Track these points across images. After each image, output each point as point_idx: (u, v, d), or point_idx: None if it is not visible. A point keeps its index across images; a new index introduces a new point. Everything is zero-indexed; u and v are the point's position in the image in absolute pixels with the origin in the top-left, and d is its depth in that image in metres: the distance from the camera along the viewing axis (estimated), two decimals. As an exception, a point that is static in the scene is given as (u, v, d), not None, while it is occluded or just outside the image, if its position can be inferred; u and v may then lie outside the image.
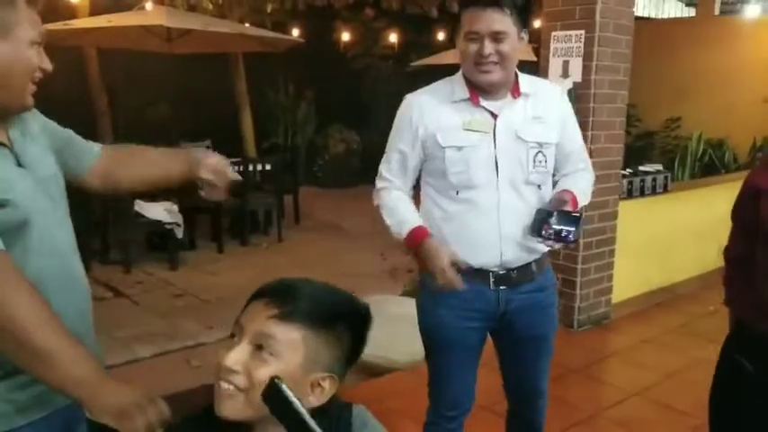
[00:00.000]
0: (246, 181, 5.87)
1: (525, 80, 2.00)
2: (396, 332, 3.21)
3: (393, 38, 10.68)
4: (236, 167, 6.39)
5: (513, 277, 1.99)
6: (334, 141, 10.24)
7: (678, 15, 10.56)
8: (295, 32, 9.18)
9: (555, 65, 3.89)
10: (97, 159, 1.59)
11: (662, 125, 9.18)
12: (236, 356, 1.03)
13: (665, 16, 10.59)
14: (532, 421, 2.23)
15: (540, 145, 1.96)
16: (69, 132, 1.57)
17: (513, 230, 1.95)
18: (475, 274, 1.96)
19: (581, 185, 2.07)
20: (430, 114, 1.97)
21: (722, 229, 2.08)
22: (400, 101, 2.07)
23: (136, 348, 3.97)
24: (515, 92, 1.97)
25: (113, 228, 5.92)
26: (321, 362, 1.06)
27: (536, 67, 4.38)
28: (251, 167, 6.59)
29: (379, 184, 2.12)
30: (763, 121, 8.52)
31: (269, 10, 8.54)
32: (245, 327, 1.06)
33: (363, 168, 10.34)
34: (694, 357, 3.95)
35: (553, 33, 4.00)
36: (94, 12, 6.86)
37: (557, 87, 2.16)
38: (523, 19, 1.88)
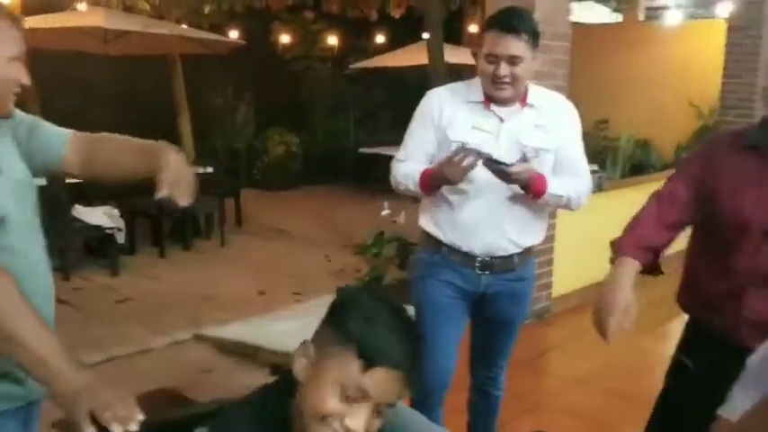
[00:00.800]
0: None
1: (535, 92, 2.23)
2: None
3: (332, 40, 10.74)
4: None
5: (496, 265, 2.24)
6: (274, 144, 10.20)
7: (605, 21, 10.97)
8: (233, 34, 9.13)
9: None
10: (69, 146, 1.60)
11: (592, 127, 9.54)
12: (366, 423, 1.05)
13: (593, 22, 11.01)
14: (492, 393, 2.55)
15: (538, 150, 2.17)
16: (33, 118, 1.58)
17: (502, 224, 2.20)
18: (463, 257, 2.23)
19: (562, 178, 2.21)
20: (447, 109, 2.20)
21: None
22: (339, 103, 2.25)
23: (82, 355, 3.88)
24: (523, 102, 2.19)
25: (50, 234, 5.74)
26: None
27: (476, 72, 4.50)
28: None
29: (394, 166, 2.31)
30: (685, 122, 8.97)
31: (206, 11, 8.45)
32: (371, 394, 1.05)
33: (304, 171, 10.35)
34: (631, 346, 4.16)
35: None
36: (25, 13, 6.65)
37: (567, 103, 2.33)
38: (536, 41, 2.10)
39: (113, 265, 5.60)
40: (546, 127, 2.19)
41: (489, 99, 2.17)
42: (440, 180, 2.13)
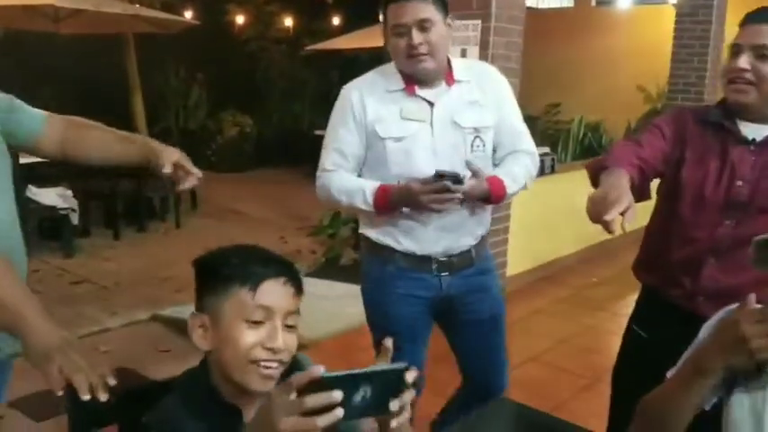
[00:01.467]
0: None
1: (460, 66, 2.04)
2: (303, 311, 3.30)
3: (288, 22, 10.63)
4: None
5: (455, 263, 2.06)
6: (228, 125, 10.10)
7: (558, 6, 11.11)
8: (187, 14, 8.96)
9: (453, 53, 4.07)
10: (44, 127, 1.60)
11: (543, 110, 9.70)
12: (283, 338, 1.14)
13: (546, 6, 11.15)
14: (498, 390, 2.27)
15: (477, 130, 2.00)
16: (10, 98, 1.57)
17: (454, 218, 2.00)
18: (418, 261, 2.04)
19: (514, 169, 2.06)
20: (368, 105, 1.99)
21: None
22: (294, 85, 2.15)
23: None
24: (449, 79, 2.00)
25: None
26: None
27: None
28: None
29: (321, 177, 2.06)
30: (635, 105, 9.20)
31: (159, -10, 8.30)
32: (273, 308, 1.14)
33: (258, 153, 10.28)
34: (582, 324, 4.31)
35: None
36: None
37: (492, 68, 2.16)
38: (444, 6, 1.92)
39: (67, 247, 5.51)
40: (480, 101, 2.02)
41: (411, 83, 1.97)
42: (409, 205, 1.94)
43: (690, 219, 1.81)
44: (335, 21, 10.78)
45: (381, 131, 1.97)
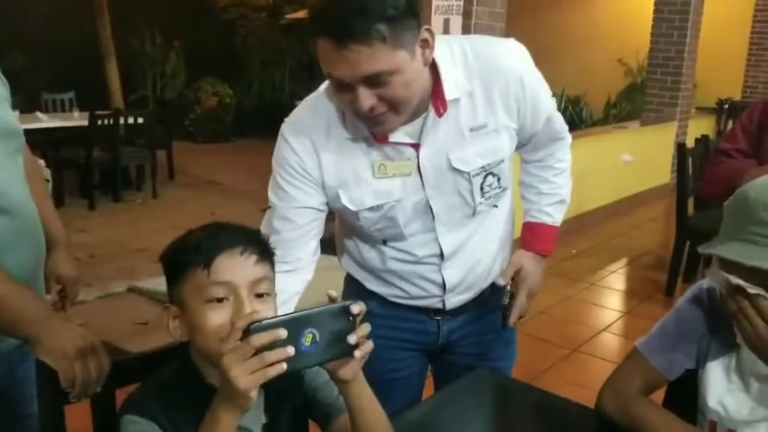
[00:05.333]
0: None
1: (454, 76, 1.32)
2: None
3: (267, -11, 10.44)
4: (106, 120, 6.11)
5: (458, 307, 1.56)
6: (207, 95, 9.95)
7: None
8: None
9: (436, 22, 4.04)
10: None
11: (526, 83, 9.68)
12: (254, 308, 1.04)
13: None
14: None
15: (486, 168, 1.39)
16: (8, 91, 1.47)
17: (459, 277, 1.50)
18: (406, 307, 1.55)
19: (556, 189, 1.62)
20: (325, 164, 1.36)
21: (581, 181, 2.20)
22: (274, 54, 1.52)
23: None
24: (440, 105, 1.32)
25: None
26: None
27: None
28: (122, 121, 6.31)
29: (266, 219, 1.45)
30: (615, 79, 9.22)
31: (134, -46, 8.09)
32: (233, 282, 1.06)
33: (237, 123, 10.16)
34: (561, 295, 4.34)
35: (434, -10, 4.13)
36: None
37: (502, 49, 1.41)
38: (408, 23, 1.16)
39: (40, 218, 5.42)
40: (488, 124, 1.37)
41: None
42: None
43: None
44: (316, -11, 10.58)
45: (351, 204, 1.38)
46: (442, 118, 1.33)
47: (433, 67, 1.30)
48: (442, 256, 1.45)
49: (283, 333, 0.91)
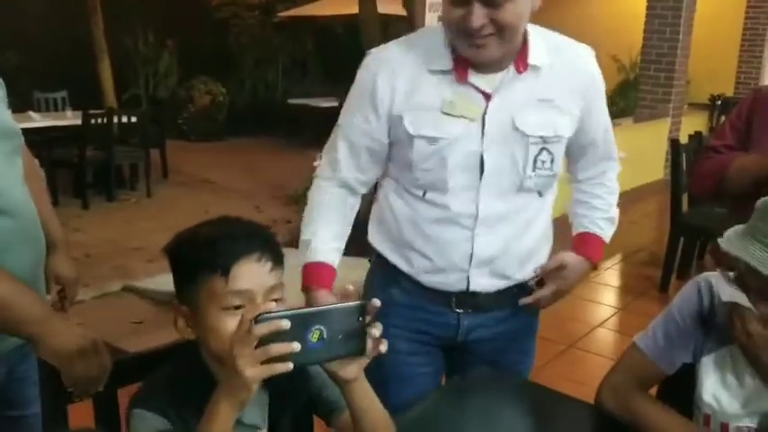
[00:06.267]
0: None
1: (541, 45, 1.43)
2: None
3: (260, -13, 10.42)
4: (100, 120, 6.09)
5: (481, 300, 1.51)
6: (200, 93, 9.91)
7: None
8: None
9: (430, 20, 4.03)
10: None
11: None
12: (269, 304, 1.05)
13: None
14: None
15: (546, 140, 1.43)
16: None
17: (491, 251, 1.46)
18: (429, 292, 1.52)
19: (606, 200, 1.63)
20: (398, 87, 1.42)
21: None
22: (267, 52, 1.60)
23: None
24: (521, 63, 1.40)
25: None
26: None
27: (409, 23, 4.49)
28: (115, 120, 6.29)
29: (316, 179, 1.57)
30: (608, 76, 9.22)
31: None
32: (250, 290, 1.06)
33: (230, 121, 10.13)
34: (555, 292, 4.35)
35: (427, -13, 4.12)
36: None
37: (587, 52, 1.52)
38: None
39: (34, 218, 5.40)
40: (556, 100, 1.43)
41: (464, 65, 1.39)
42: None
43: None
44: (309, -14, 10.57)
45: (411, 126, 1.41)
46: (520, 75, 1.40)
47: (524, 35, 1.40)
48: (476, 218, 1.44)
49: (286, 324, 0.92)
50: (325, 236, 1.51)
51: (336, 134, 1.52)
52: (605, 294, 4.52)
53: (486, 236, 1.45)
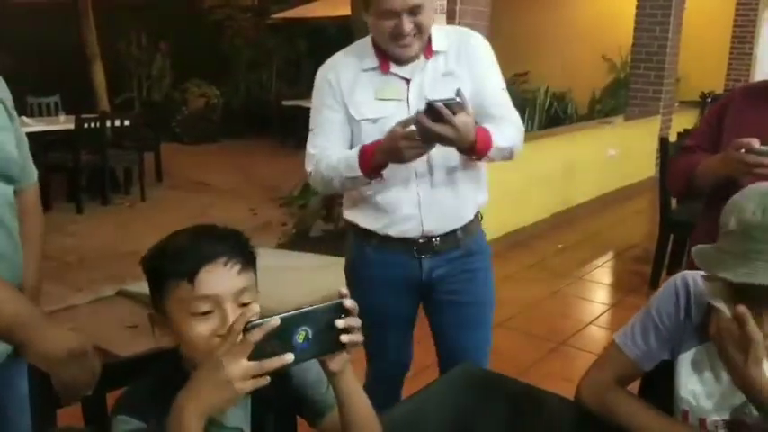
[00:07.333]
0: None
1: (439, 35, 1.88)
2: (273, 283, 3.30)
3: (252, -11, 10.43)
4: (93, 124, 6.10)
5: (436, 245, 1.92)
6: (193, 96, 9.94)
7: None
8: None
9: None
10: (28, 188, 1.51)
11: (510, 80, 9.72)
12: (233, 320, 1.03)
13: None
14: None
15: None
16: (21, 133, 1.47)
17: (430, 198, 1.87)
18: (397, 244, 1.92)
19: (500, 127, 1.86)
20: (343, 84, 1.88)
21: (567, 176, 2.28)
22: (261, 54, 2.03)
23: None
24: (428, 52, 1.86)
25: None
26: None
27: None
28: (108, 123, 6.30)
29: (310, 164, 1.93)
30: (599, 75, 9.28)
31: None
32: (218, 295, 1.08)
33: (225, 123, 10.15)
34: (548, 289, 4.39)
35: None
36: None
37: (473, 34, 1.96)
38: None
39: (28, 222, 5.40)
40: (455, 72, 1.86)
41: (387, 61, 1.85)
42: (390, 156, 1.74)
43: None
44: (301, -12, 10.58)
45: (356, 113, 1.87)
46: (429, 61, 1.86)
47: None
48: (416, 173, 1.84)
49: (276, 321, 0.94)
50: (345, 150, 1.87)
51: (311, 135, 1.94)
52: (597, 292, 4.55)
53: (428, 184, 1.86)
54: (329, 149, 1.88)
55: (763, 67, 9.07)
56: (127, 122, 6.54)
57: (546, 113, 8.53)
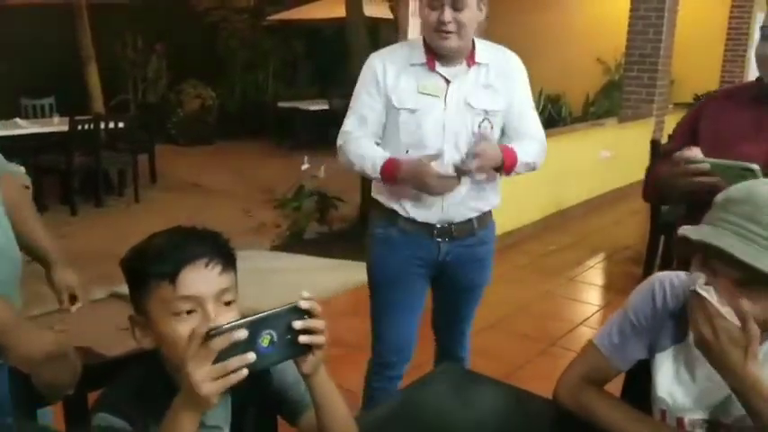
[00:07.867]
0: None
1: (483, 49, 2.11)
2: (267, 285, 3.31)
3: (248, -9, 10.44)
4: (87, 126, 6.11)
5: (454, 231, 2.15)
6: (189, 98, 9.94)
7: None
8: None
9: (414, 24, 4.08)
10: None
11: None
12: (220, 319, 1.06)
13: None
14: (457, 354, 2.46)
15: (486, 112, 2.08)
16: None
17: (455, 196, 2.08)
18: (419, 226, 2.14)
19: (524, 144, 2.13)
20: (389, 74, 2.08)
21: (560, 178, 2.33)
22: (257, 56, 2.12)
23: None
24: (470, 60, 2.08)
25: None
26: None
27: (395, 26, 4.54)
28: (103, 125, 6.31)
29: (341, 139, 2.16)
30: (593, 77, 9.31)
31: (113, -42, 8.07)
32: (199, 295, 1.09)
33: (220, 125, 10.16)
34: (540, 290, 4.41)
35: (410, -8, 4.17)
36: None
37: (514, 56, 2.23)
38: None
39: (21, 224, 5.40)
40: (494, 86, 2.10)
41: (433, 59, 2.06)
42: (413, 184, 2.03)
43: None
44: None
45: (397, 102, 2.06)
46: (470, 69, 2.08)
47: (472, 42, 2.07)
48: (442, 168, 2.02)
49: (243, 334, 0.95)
50: (377, 150, 2.10)
51: (349, 113, 2.15)
52: (588, 293, 4.57)
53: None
54: (359, 132, 2.11)
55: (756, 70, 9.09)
56: (121, 124, 6.54)
57: (540, 116, 8.54)
